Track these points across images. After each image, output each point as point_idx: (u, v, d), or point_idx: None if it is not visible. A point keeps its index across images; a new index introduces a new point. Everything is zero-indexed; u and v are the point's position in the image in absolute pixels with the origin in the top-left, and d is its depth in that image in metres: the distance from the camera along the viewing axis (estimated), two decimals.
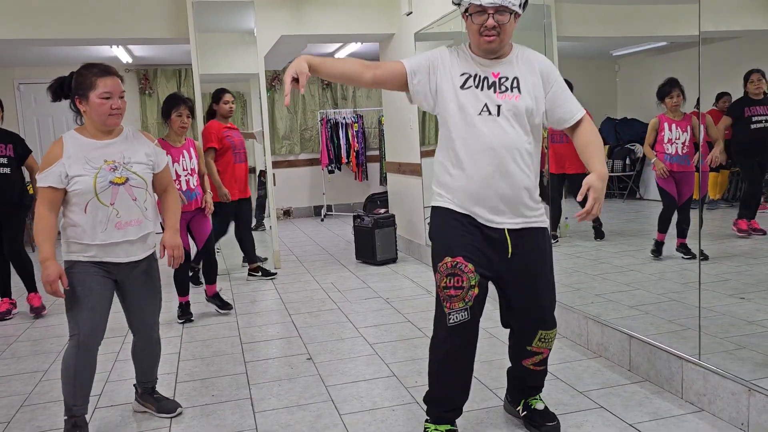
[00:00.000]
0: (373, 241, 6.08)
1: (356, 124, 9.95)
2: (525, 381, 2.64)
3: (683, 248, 4.21)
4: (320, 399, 3.01)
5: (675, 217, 4.32)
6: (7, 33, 5.71)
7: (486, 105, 2.32)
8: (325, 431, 2.68)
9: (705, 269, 2.87)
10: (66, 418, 2.69)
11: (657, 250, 4.38)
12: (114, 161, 2.59)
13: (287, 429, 2.72)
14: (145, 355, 2.94)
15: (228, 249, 7.53)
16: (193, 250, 4.80)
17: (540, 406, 2.63)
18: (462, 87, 2.35)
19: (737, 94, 3.74)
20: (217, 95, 5.56)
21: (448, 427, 2.49)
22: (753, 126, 3.73)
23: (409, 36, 6.08)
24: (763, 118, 3.72)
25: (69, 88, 2.60)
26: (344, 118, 9.97)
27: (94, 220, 2.57)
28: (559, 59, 5.02)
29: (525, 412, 2.64)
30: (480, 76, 2.35)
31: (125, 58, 8.44)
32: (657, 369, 2.91)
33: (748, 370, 2.62)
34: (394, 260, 6.21)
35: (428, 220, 6.37)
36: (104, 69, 2.57)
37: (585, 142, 2.38)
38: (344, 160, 9.96)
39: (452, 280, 2.31)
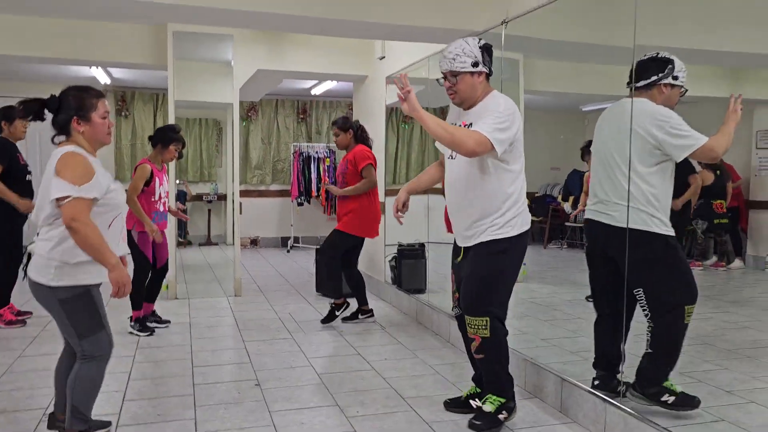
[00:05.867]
0: None
1: (328, 159, 10.14)
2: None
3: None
4: (263, 423, 3.10)
5: None
6: None
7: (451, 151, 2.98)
8: None
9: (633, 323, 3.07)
10: (86, 428, 2.65)
11: None
12: None
13: None
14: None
15: (190, 274, 7.58)
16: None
17: (481, 406, 3.04)
18: None
19: None
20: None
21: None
22: None
23: (381, 78, 6.31)
24: None
25: (57, 110, 2.60)
26: (317, 152, 10.17)
27: (115, 237, 2.60)
28: (526, 111, 5.27)
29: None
30: (456, 125, 2.96)
31: (103, 79, 8.56)
32: (585, 411, 3.07)
33: (666, 417, 2.80)
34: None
35: (389, 258, 6.38)
36: (98, 91, 2.69)
37: None
38: (314, 193, 10.12)
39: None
